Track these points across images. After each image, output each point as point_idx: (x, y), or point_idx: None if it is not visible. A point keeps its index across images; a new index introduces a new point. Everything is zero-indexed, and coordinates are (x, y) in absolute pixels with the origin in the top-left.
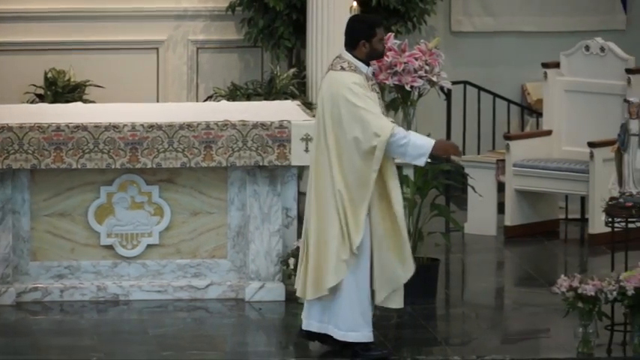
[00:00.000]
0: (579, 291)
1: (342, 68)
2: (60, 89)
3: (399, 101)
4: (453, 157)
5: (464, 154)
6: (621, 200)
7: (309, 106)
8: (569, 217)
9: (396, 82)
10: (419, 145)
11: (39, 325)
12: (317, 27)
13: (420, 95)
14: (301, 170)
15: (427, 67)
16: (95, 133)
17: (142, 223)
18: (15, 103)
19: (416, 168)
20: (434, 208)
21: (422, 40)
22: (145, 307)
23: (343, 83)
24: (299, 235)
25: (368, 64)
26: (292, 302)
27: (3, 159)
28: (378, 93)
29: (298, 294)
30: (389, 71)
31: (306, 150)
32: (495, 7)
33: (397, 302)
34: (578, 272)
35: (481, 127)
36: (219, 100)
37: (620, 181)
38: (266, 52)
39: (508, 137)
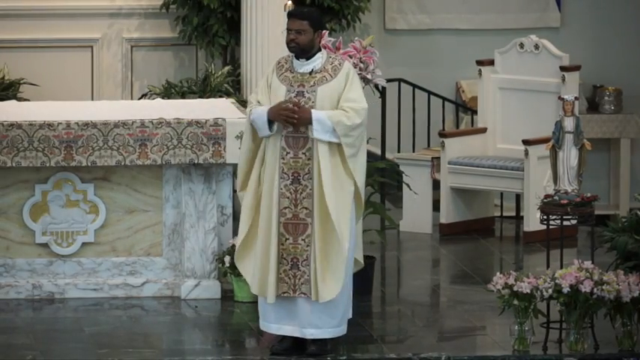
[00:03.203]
0: (515, 288)
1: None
2: None
3: None
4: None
5: (398, 151)
6: (556, 198)
7: (243, 103)
8: (505, 214)
9: None
10: (260, 112)
11: None
12: (251, 25)
13: None
14: (236, 168)
15: (362, 65)
16: (30, 132)
17: (77, 221)
18: None
19: None
20: (369, 205)
21: (356, 38)
22: (80, 305)
23: None
24: (234, 233)
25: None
26: (228, 300)
27: None
28: (290, 84)
29: None
30: None
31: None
32: (429, 4)
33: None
34: (514, 270)
35: (416, 125)
36: (153, 98)
37: (555, 178)
38: (200, 49)
39: (443, 135)
